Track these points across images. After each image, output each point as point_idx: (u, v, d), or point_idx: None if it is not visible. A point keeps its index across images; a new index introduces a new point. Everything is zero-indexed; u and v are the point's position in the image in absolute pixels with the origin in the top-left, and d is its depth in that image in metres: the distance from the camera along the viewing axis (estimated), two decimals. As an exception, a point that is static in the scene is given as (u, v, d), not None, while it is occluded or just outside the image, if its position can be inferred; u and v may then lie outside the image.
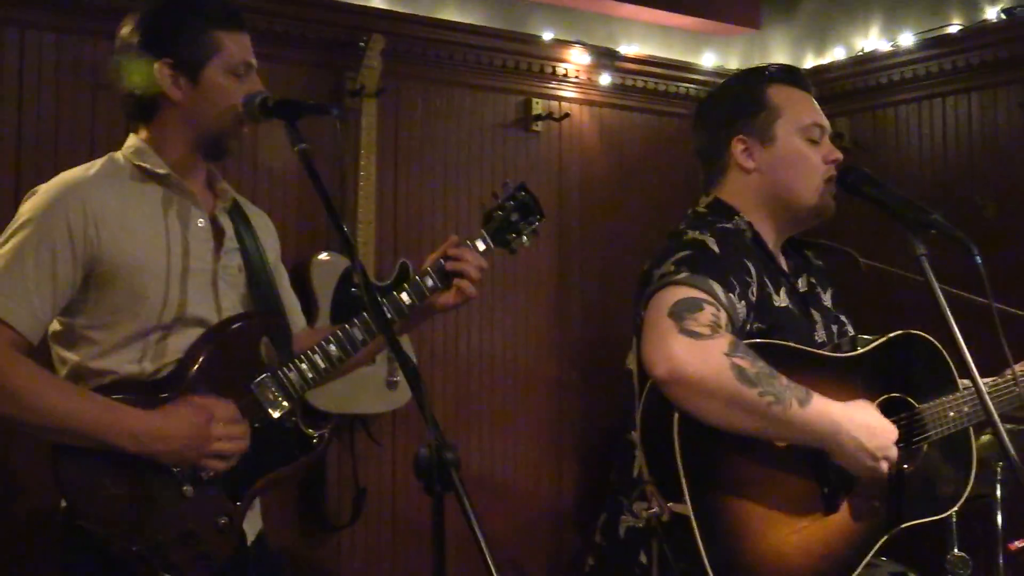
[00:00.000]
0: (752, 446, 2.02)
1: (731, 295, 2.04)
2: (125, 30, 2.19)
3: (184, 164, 2.20)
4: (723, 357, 1.93)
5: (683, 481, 1.94)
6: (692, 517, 1.94)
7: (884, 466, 2.05)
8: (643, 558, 2.08)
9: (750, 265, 2.15)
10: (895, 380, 2.21)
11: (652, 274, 2.09)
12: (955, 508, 2.28)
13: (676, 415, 1.96)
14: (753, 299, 2.12)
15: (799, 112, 2.26)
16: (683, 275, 2.02)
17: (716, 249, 2.11)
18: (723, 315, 2.00)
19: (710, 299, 2.00)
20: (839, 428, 2.00)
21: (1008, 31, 4.01)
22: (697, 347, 1.92)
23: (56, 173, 2.17)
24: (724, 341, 1.95)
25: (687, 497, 1.94)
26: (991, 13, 4.08)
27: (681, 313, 1.96)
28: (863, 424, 2.03)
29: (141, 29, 2.17)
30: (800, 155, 2.23)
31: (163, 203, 2.17)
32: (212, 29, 2.15)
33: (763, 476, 2.03)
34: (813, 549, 2.06)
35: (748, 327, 2.10)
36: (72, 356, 2.11)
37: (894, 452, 2.06)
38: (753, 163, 2.25)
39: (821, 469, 2.07)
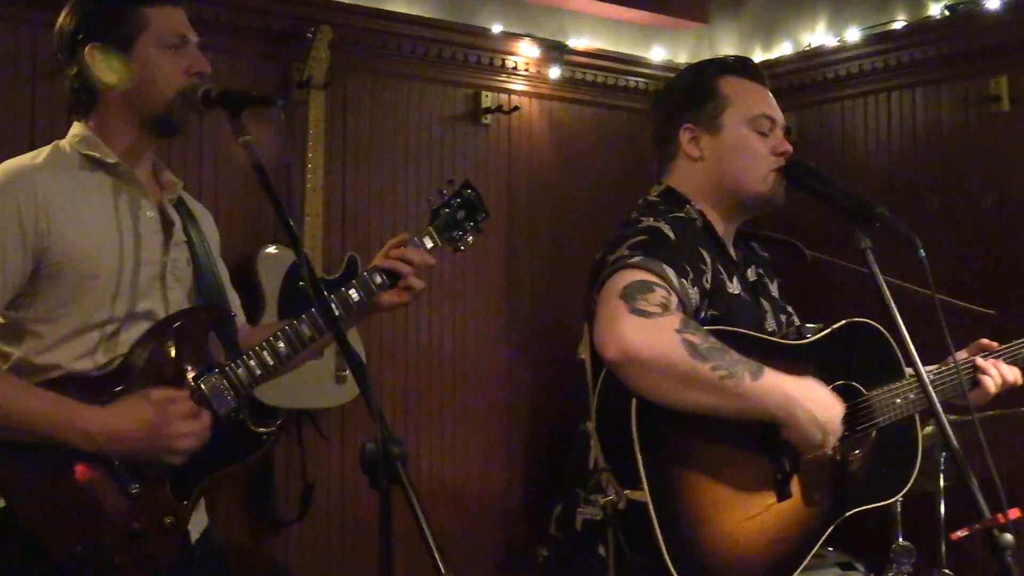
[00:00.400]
0: (708, 433, 2.03)
1: (684, 280, 2.06)
2: (60, 19, 2.16)
3: (133, 152, 2.16)
4: (674, 334, 1.94)
5: (640, 468, 1.95)
6: (650, 503, 1.94)
7: (832, 440, 2.06)
8: (601, 551, 2.07)
9: (705, 253, 2.16)
10: (845, 367, 2.24)
11: (605, 260, 2.09)
12: (902, 494, 2.31)
13: (634, 401, 1.96)
14: (707, 286, 2.13)
15: (749, 103, 2.27)
16: (637, 259, 2.03)
17: (671, 236, 2.12)
18: (674, 298, 2.01)
19: (662, 282, 2.01)
20: (793, 400, 2.02)
21: (951, 27, 4.06)
22: (647, 325, 1.94)
23: (-4, 164, 2.12)
24: (675, 319, 1.97)
25: (645, 484, 1.94)
26: (935, 9, 4.14)
27: (632, 294, 1.97)
28: (815, 397, 2.06)
29: (72, 17, 2.13)
30: (745, 144, 2.24)
31: (112, 193, 2.12)
32: (138, 6, 2.12)
33: (718, 463, 2.05)
34: (766, 536, 2.07)
35: (703, 314, 2.12)
36: (15, 351, 2.05)
37: (839, 427, 2.08)
38: (699, 151, 2.26)
39: (774, 454, 2.09)
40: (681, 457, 2.02)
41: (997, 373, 2.44)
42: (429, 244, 2.35)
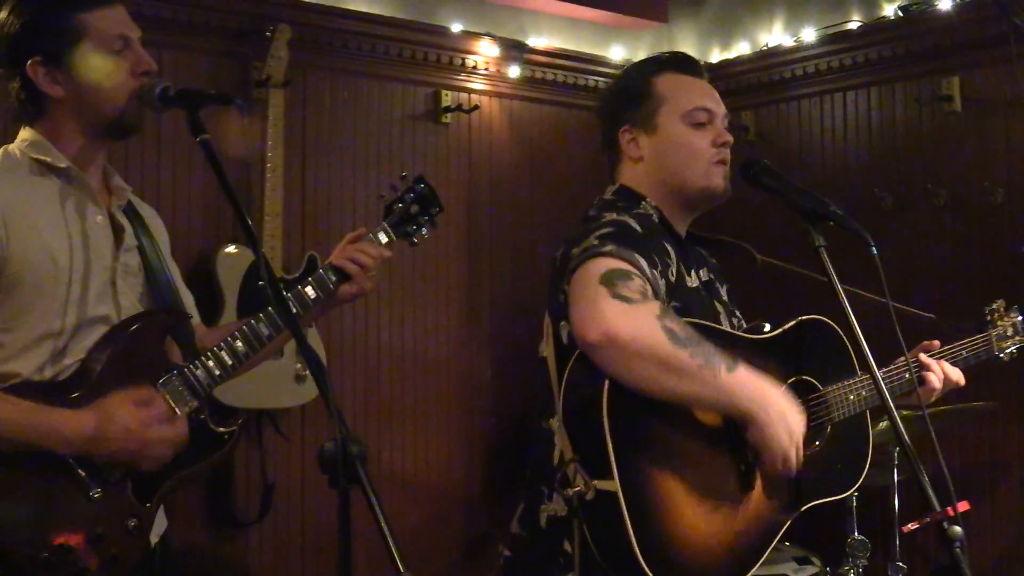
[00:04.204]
0: (675, 424, 2.05)
1: (654, 271, 2.08)
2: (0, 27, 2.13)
3: (83, 156, 2.15)
4: (655, 319, 1.97)
5: (611, 456, 1.95)
6: (619, 493, 1.94)
7: (793, 451, 2.09)
8: (567, 547, 2.08)
9: (669, 247, 2.19)
10: (801, 363, 2.27)
11: (571, 253, 2.10)
12: (855, 488, 2.35)
13: (606, 390, 1.97)
14: (673, 279, 2.16)
15: (683, 98, 2.29)
16: (609, 247, 2.04)
17: (638, 228, 2.15)
18: (649, 287, 2.04)
19: (636, 271, 2.03)
20: (766, 397, 2.05)
21: (905, 27, 4.12)
22: (630, 310, 1.96)
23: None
24: (655, 306, 1.99)
25: (615, 473, 1.95)
26: (889, 10, 4.19)
27: (612, 280, 1.99)
28: (784, 400, 2.09)
29: (11, 28, 2.11)
30: (682, 141, 2.26)
31: (63, 199, 2.11)
32: (74, 13, 2.09)
33: (686, 454, 2.06)
34: (729, 528, 2.09)
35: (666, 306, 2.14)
36: None
37: (801, 437, 2.11)
38: (639, 152, 2.29)
39: (738, 447, 2.11)
40: (649, 448, 2.03)
41: (940, 371, 2.51)
42: (384, 239, 2.38)
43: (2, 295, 2.04)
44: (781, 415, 2.06)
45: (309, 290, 2.27)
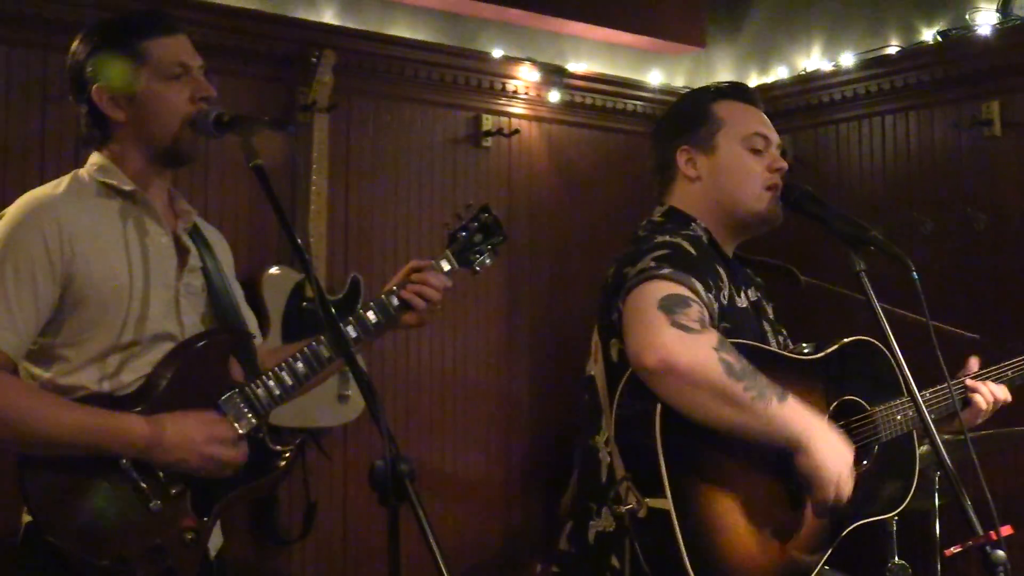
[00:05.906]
0: (726, 444, 2.07)
1: (709, 295, 2.11)
2: (70, 55, 2.20)
3: (146, 179, 2.20)
4: (712, 351, 2.00)
5: (664, 474, 1.98)
6: (672, 511, 1.97)
7: (845, 486, 2.10)
8: (615, 562, 2.10)
9: (720, 269, 2.22)
10: (849, 383, 2.29)
11: (626, 273, 2.12)
12: (902, 507, 2.35)
13: (659, 409, 2.00)
14: (725, 301, 2.19)
15: (742, 123, 2.33)
16: (666, 271, 2.07)
17: (692, 251, 2.17)
18: (706, 313, 2.07)
19: (695, 297, 2.06)
20: (815, 428, 2.07)
21: (943, 52, 4.13)
22: (688, 339, 1.99)
23: (5, 188, 2.17)
24: (713, 336, 2.02)
25: (667, 490, 1.98)
26: (928, 35, 4.21)
27: (671, 307, 2.02)
28: (832, 432, 2.11)
29: (79, 55, 2.18)
30: (739, 163, 2.30)
31: (129, 220, 2.17)
32: (136, 40, 2.15)
33: (737, 473, 2.08)
34: (779, 547, 2.11)
35: (717, 328, 2.16)
36: (43, 374, 2.10)
37: (850, 468, 2.12)
38: (696, 172, 2.32)
39: (788, 468, 2.12)
40: (701, 467, 2.06)
41: (988, 391, 2.51)
42: (446, 267, 2.40)
43: (69, 311, 2.10)
44: (830, 444, 2.08)
45: (371, 315, 2.30)
